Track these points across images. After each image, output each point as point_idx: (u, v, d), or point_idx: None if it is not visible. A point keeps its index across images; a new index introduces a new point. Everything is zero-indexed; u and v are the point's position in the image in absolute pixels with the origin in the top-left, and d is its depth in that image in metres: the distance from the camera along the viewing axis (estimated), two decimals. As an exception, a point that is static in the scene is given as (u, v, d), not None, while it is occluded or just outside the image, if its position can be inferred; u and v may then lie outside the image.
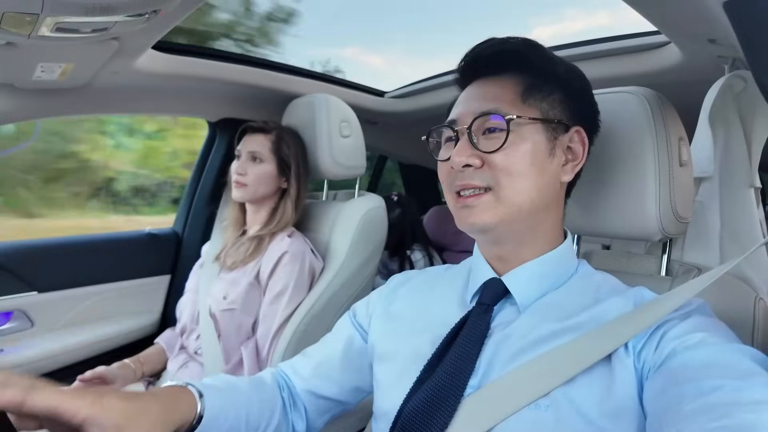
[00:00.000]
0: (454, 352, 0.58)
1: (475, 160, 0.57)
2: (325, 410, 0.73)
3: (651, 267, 0.77)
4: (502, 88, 0.60)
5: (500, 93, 0.60)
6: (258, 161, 1.25)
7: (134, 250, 1.58)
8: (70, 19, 0.71)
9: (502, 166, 0.57)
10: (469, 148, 0.58)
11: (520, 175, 0.57)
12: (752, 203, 0.90)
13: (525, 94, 0.59)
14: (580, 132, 0.62)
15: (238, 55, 1.41)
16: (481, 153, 0.58)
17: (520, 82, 0.60)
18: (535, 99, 0.59)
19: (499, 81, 0.61)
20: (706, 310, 0.54)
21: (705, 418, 0.40)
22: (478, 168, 0.58)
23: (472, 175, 0.58)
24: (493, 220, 0.57)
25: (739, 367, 0.43)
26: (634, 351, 0.51)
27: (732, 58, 0.91)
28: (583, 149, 0.62)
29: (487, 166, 0.57)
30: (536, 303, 0.60)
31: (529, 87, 0.60)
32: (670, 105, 0.70)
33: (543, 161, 0.58)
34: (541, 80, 0.60)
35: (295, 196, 1.28)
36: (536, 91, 0.60)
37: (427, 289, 0.71)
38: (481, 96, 0.61)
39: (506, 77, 0.61)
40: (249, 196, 1.25)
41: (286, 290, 1.17)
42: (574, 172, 0.62)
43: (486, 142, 0.58)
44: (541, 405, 0.51)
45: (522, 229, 0.60)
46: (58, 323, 1.40)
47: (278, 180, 1.27)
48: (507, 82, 0.60)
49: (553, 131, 0.59)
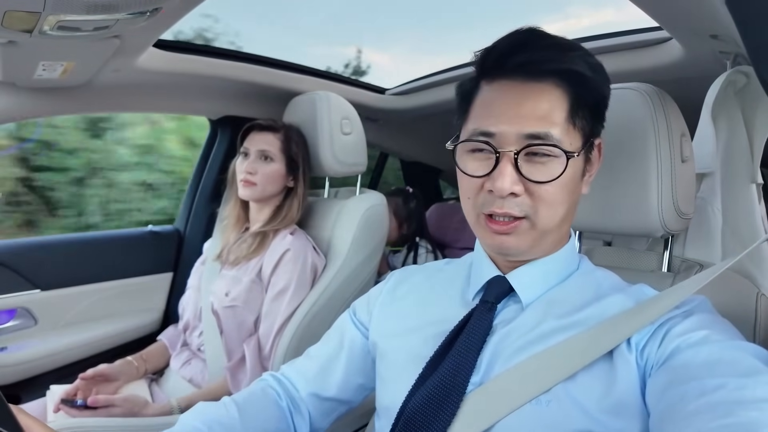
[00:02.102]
0: (457, 350, 0.58)
1: (520, 187, 0.52)
2: (330, 411, 0.73)
3: (652, 263, 0.77)
4: (551, 104, 0.52)
5: (549, 110, 0.52)
6: (268, 160, 1.24)
7: (136, 248, 1.58)
8: (71, 17, 0.71)
9: (544, 197, 0.53)
10: (515, 174, 0.52)
11: (559, 205, 0.55)
12: (754, 199, 0.89)
13: (572, 111, 0.53)
14: (600, 144, 0.60)
15: (239, 53, 1.40)
16: (527, 181, 0.52)
17: (566, 96, 0.53)
18: (579, 117, 0.54)
19: (543, 90, 0.53)
20: (708, 307, 0.54)
21: (708, 416, 0.40)
22: (519, 195, 0.53)
23: (511, 203, 0.53)
24: (527, 246, 0.56)
25: (742, 364, 0.43)
26: (637, 348, 0.51)
27: (734, 54, 0.90)
28: (599, 157, 0.61)
29: (527, 194, 0.53)
30: (538, 299, 0.60)
31: (576, 102, 0.53)
32: (671, 101, 0.70)
33: (577, 184, 0.57)
34: (587, 95, 0.54)
35: (302, 195, 1.29)
36: (581, 107, 0.54)
37: (428, 286, 0.71)
38: (528, 110, 0.52)
39: (550, 85, 0.53)
40: (257, 194, 1.25)
41: (288, 288, 1.17)
42: (589, 182, 0.61)
43: (532, 168, 0.52)
44: (542, 400, 0.51)
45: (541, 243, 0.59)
46: (61, 321, 1.40)
47: (286, 179, 1.27)
48: (553, 94, 0.53)
49: (587, 152, 0.57)
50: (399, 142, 2.24)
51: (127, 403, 1.03)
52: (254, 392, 0.72)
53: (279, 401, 0.71)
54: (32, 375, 1.33)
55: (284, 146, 1.26)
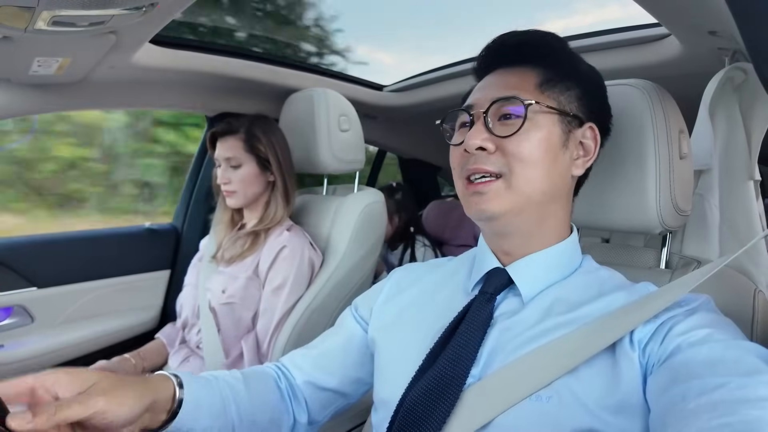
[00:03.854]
0: (456, 341, 0.58)
1: (489, 144, 0.57)
2: (327, 403, 0.74)
3: (650, 260, 0.77)
4: (521, 78, 0.60)
5: (519, 82, 0.60)
6: (237, 166, 1.22)
7: (133, 246, 1.58)
8: (66, 13, 0.71)
9: (515, 153, 0.56)
10: (484, 132, 0.58)
11: (532, 163, 0.57)
12: (752, 196, 0.90)
13: (543, 85, 0.59)
14: (593, 128, 0.62)
15: (236, 49, 1.40)
16: (496, 137, 0.57)
17: (540, 74, 0.60)
18: (553, 91, 0.60)
19: (519, 71, 0.61)
20: (711, 306, 0.54)
21: (709, 415, 0.40)
22: (491, 153, 0.57)
23: (485, 159, 0.57)
24: (502, 208, 0.57)
25: (744, 364, 0.43)
26: (639, 346, 0.51)
27: (732, 50, 0.90)
28: (595, 146, 0.62)
29: (500, 152, 0.57)
30: (540, 296, 0.60)
31: (549, 79, 0.60)
32: (670, 97, 0.70)
33: (556, 152, 0.58)
34: (562, 74, 0.60)
35: (283, 188, 1.26)
36: (555, 84, 0.60)
37: (429, 280, 0.71)
38: (500, 84, 0.61)
39: (526, 68, 0.61)
40: (241, 201, 1.24)
41: (285, 284, 1.17)
42: (584, 167, 0.62)
43: (501, 127, 0.58)
44: (543, 396, 0.51)
45: (530, 221, 0.60)
46: (58, 319, 1.40)
47: (263, 176, 1.25)
48: (527, 73, 0.60)
49: (568, 124, 0.60)
50: (397, 139, 2.23)
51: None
52: (255, 370, 0.72)
53: (279, 382, 0.72)
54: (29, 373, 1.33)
55: (247, 146, 1.23)
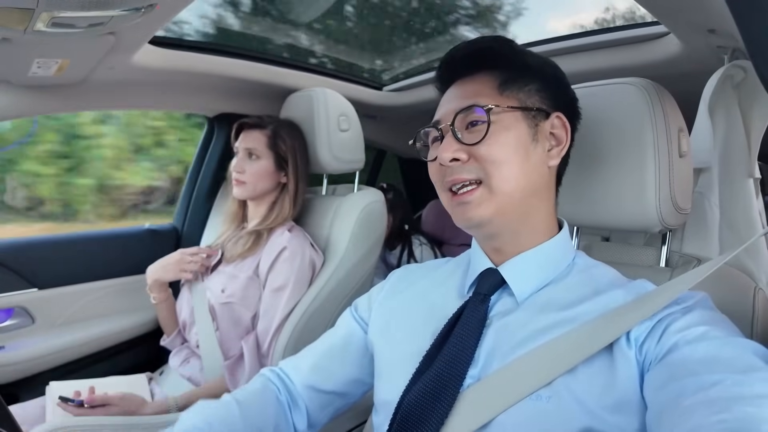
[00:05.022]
0: (452, 342, 0.59)
1: (462, 154, 0.59)
2: (326, 404, 0.74)
3: (650, 258, 0.77)
4: (479, 85, 0.62)
5: (478, 89, 0.62)
6: (255, 158, 1.24)
7: (134, 246, 1.57)
8: (65, 14, 0.71)
9: (487, 156, 0.58)
10: (455, 143, 0.60)
11: (505, 163, 0.58)
12: (751, 194, 0.90)
13: (501, 87, 0.61)
14: (560, 117, 0.63)
15: (235, 49, 1.40)
16: (466, 146, 0.59)
17: (495, 77, 0.62)
18: (511, 91, 0.61)
19: (475, 79, 0.63)
20: (708, 304, 0.54)
21: (705, 411, 0.40)
22: (465, 162, 0.59)
23: (460, 169, 0.59)
24: (488, 213, 0.58)
25: (740, 361, 0.43)
26: (636, 343, 0.51)
27: (731, 48, 0.90)
28: (566, 133, 0.63)
29: (473, 159, 0.59)
30: (535, 295, 0.60)
31: (505, 80, 0.62)
32: (669, 96, 0.70)
33: (527, 147, 0.59)
34: (516, 73, 0.62)
35: (293, 192, 1.27)
36: (512, 83, 0.61)
37: (427, 282, 0.72)
38: (460, 95, 0.63)
39: (482, 75, 0.63)
40: (249, 193, 1.24)
41: (286, 285, 1.17)
42: (560, 156, 0.63)
43: (469, 135, 0.60)
44: (542, 396, 0.51)
45: (516, 219, 0.60)
46: (58, 320, 1.40)
47: (277, 175, 1.27)
48: (483, 79, 0.62)
49: (533, 119, 0.61)
50: (397, 138, 2.23)
51: (124, 402, 1.03)
52: (254, 389, 0.72)
53: (279, 396, 0.72)
54: (30, 374, 1.33)
55: (270, 142, 1.25)
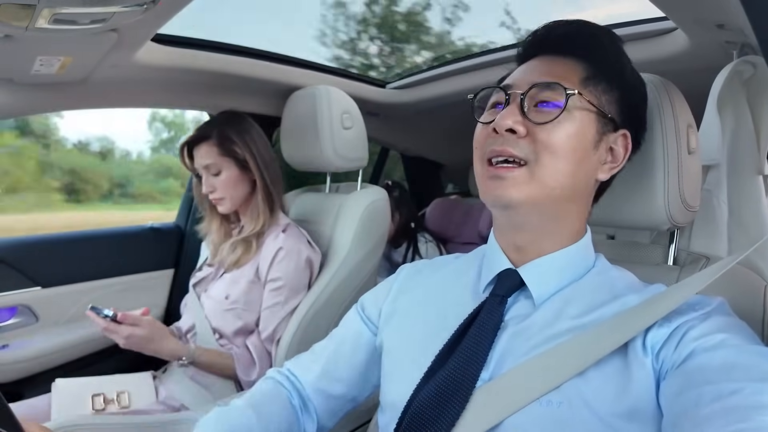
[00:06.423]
0: (467, 344, 0.57)
1: (521, 127, 0.54)
2: (337, 410, 0.73)
3: (657, 256, 0.76)
4: (565, 68, 0.57)
5: (563, 72, 0.57)
6: (216, 172, 1.20)
7: (137, 245, 1.58)
8: (67, 10, 0.70)
9: (546, 141, 0.54)
10: (518, 114, 0.55)
11: (561, 157, 0.54)
12: (760, 191, 0.89)
13: (587, 80, 0.57)
14: (626, 136, 0.60)
15: (238, 47, 1.39)
16: (529, 122, 0.54)
17: (585, 69, 0.58)
18: (595, 88, 0.57)
19: (564, 61, 0.58)
20: (725, 309, 0.52)
21: (723, 421, 0.39)
22: (521, 137, 0.54)
23: (513, 142, 0.54)
24: (520, 197, 0.54)
25: (759, 369, 0.42)
26: (653, 351, 0.50)
27: (740, 44, 0.89)
28: (624, 154, 0.60)
29: (530, 137, 0.54)
30: (552, 298, 0.58)
31: (593, 75, 0.57)
32: (678, 92, 0.69)
33: (586, 151, 0.56)
34: (607, 72, 0.58)
35: (264, 186, 1.22)
36: (598, 81, 0.57)
37: (438, 279, 0.69)
38: (544, 70, 0.58)
39: (573, 60, 0.58)
40: (231, 204, 1.22)
41: (285, 285, 1.17)
42: (610, 173, 0.60)
43: (536, 113, 0.55)
44: (553, 401, 0.50)
45: (546, 216, 0.57)
46: (62, 318, 1.40)
47: (247, 176, 1.22)
48: (572, 65, 0.58)
49: (603, 125, 0.57)
50: (400, 136, 2.22)
51: (151, 327, 1.05)
52: (268, 393, 0.71)
53: (291, 400, 0.71)
54: (34, 372, 1.33)
55: (222, 149, 1.19)
